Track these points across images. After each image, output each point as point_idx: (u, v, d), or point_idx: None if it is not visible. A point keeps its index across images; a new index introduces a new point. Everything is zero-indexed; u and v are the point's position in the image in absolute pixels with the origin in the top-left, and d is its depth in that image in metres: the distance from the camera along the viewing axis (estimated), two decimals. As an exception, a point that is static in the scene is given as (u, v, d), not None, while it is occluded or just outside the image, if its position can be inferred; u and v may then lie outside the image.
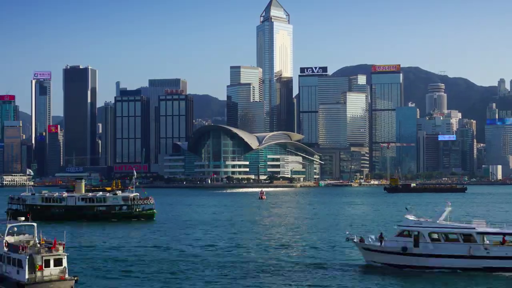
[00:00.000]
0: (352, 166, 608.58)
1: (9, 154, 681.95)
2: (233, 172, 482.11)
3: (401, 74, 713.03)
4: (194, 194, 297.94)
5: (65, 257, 47.43)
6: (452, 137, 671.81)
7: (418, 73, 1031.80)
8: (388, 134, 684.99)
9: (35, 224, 51.68)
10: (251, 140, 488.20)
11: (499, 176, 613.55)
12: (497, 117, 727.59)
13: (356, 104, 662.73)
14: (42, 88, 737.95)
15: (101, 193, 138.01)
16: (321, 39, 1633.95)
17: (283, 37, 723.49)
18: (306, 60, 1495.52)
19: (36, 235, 50.60)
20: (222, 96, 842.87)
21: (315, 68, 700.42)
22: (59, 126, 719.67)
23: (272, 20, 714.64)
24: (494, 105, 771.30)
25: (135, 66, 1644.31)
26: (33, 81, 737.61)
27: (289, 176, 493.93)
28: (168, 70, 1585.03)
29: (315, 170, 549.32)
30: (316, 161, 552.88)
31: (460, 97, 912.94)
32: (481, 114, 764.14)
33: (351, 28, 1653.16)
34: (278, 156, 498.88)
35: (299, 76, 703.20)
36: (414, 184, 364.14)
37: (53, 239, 49.65)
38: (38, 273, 45.69)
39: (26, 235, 51.47)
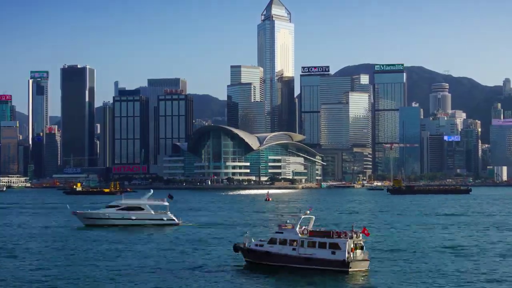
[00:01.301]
0: (355, 167, 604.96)
1: (5, 155, 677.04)
2: (233, 173, 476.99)
3: (404, 74, 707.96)
4: (201, 196, 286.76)
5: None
6: (457, 138, 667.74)
7: (422, 73, 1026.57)
8: (391, 135, 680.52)
9: (313, 217, 63.46)
10: (251, 140, 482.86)
11: (504, 178, 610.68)
12: (502, 117, 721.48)
13: (358, 104, 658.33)
14: (39, 88, 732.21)
15: None
16: (323, 38, 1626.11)
17: (284, 36, 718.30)
18: (307, 60, 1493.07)
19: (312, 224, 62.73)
20: (223, 96, 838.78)
21: (317, 67, 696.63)
22: (56, 126, 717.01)
23: (273, 18, 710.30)
24: (499, 105, 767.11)
25: (134, 66, 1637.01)
26: (30, 81, 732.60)
27: (290, 177, 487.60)
28: (167, 70, 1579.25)
29: (317, 171, 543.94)
30: (318, 162, 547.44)
31: (464, 97, 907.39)
32: (486, 114, 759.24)
33: (354, 26, 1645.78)
34: (279, 157, 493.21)
35: (301, 75, 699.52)
36: (404, 185, 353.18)
37: (362, 228, 61.06)
38: (352, 254, 57.32)
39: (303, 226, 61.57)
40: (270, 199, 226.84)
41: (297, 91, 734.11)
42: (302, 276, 55.81)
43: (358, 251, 57.99)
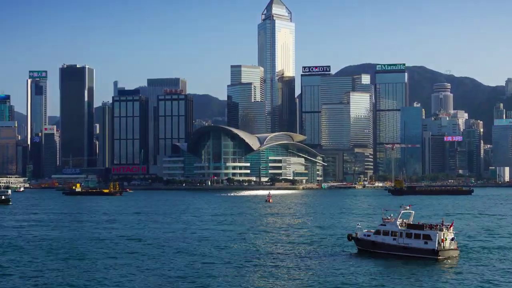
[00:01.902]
0: (356, 168, 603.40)
1: (4, 155, 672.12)
2: (233, 174, 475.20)
3: (406, 74, 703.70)
4: (203, 197, 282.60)
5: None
6: (458, 138, 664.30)
7: (424, 73, 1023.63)
8: (392, 135, 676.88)
9: (413, 212, 74.65)
10: (252, 141, 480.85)
11: (507, 178, 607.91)
12: (504, 118, 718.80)
13: (359, 104, 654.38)
14: (38, 88, 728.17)
15: None
16: (324, 37, 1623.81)
17: (285, 35, 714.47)
18: (308, 59, 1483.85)
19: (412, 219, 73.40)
20: (223, 96, 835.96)
21: (318, 67, 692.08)
22: (55, 126, 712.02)
23: (274, 18, 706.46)
24: (501, 105, 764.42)
25: (133, 65, 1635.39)
26: (29, 81, 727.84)
27: (291, 178, 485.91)
28: (167, 69, 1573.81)
29: (317, 172, 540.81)
30: (319, 163, 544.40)
31: (466, 97, 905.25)
32: (488, 114, 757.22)
33: (355, 26, 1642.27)
34: (279, 158, 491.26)
35: (302, 75, 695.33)
36: (405, 186, 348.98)
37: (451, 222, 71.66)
38: (442, 244, 67.25)
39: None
40: (272, 200, 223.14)
41: (297, 91, 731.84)
42: (400, 261, 66.88)
43: (448, 242, 68.36)
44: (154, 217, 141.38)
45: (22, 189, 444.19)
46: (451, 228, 69.74)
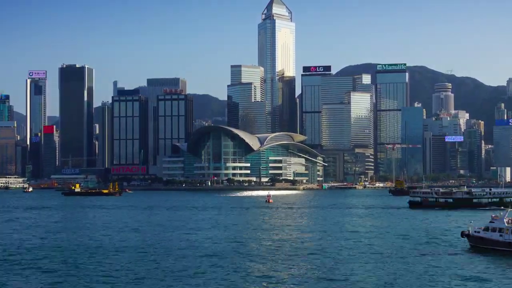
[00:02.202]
0: (357, 168, 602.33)
1: (3, 155, 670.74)
2: (233, 174, 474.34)
3: (406, 74, 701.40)
4: (206, 196, 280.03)
5: None
6: (460, 138, 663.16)
7: (425, 73, 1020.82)
8: (393, 135, 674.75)
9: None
10: (252, 141, 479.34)
11: (508, 178, 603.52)
12: (505, 118, 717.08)
13: (360, 104, 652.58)
14: (37, 88, 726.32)
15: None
16: (325, 37, 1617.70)
17: (285, 35, 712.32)
18: (309, 59, 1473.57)
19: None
20: (223, 96, 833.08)
21: (318, 67, 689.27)
22: (54, 126, 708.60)
23: (274, 18, 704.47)
24: (502, 105, 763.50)
25: (133, 65, 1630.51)
26: (28, 81, 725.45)
27: (291, 178, 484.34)
28: (167, 69, 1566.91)
29: (318, 172, 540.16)
30: (319, 163, 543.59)
31: (467, 97, 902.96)
32: (489, 114, 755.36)
33: (355, 26, 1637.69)
34: (280, 158, 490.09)
35: (302, 75, 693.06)
36: (406, 186, 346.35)
37: None
38: None
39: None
40: (272, 201, 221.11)
41: (298, 91, 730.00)
42: (505, 256, 70.25)
43: None
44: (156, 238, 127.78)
45: (30, 189, 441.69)
46: None
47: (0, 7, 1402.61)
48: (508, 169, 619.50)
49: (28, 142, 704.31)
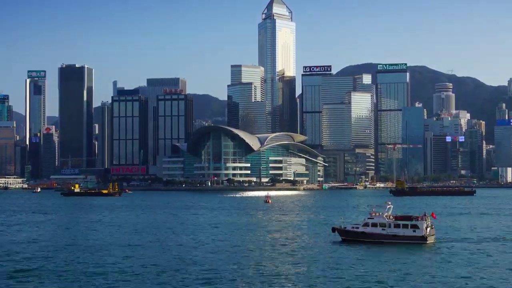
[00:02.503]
0: (357, 168, 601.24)
1: (2, 155, 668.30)
2: (234, 175, 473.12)
3: (407, 73, 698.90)
4: (209, 197, 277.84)
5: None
6: (461, 138, 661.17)
7: (425, 72, 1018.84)
8: (394, 135, 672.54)
9: (392, 206, 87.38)
10: (252, 141, 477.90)
11: (509, 179, 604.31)
12: (507, 118, 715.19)
13: (361, 104, 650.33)
14: (37, 88, 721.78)
15: None
16: (325, 37, 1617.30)
17: (285, 35, 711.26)
18: (309, 59, 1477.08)
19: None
20: (223, 96, 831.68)
21: (319, 67, 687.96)
22: (54, 126, 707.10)
23: (274, 17, 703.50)
24: (504, 105, 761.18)
25: (133, 65, 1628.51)
26: (28, 80, 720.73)
27: (292, 178, 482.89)
28: (166, 69, 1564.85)
29: (318, 173, 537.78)
30: (320, 163, 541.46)
31: (468, 97, 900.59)
32: (490, 114, 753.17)
33: (356, 25, 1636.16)
34: (280, 158, 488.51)
35: (302, 75, 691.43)
36: (407, 186, 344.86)
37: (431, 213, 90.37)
38: (427, 231, 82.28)
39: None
40: (270, 201, 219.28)
41: (298, 91, 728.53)
42: (392, 247, 79.34)
43: (429, 229, 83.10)
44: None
45: (38, 189, 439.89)
46: (429, 217, 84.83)
47: (0, 7, 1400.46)
48: (509, 169, 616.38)
49: (27, 142, 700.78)
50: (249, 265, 67.18)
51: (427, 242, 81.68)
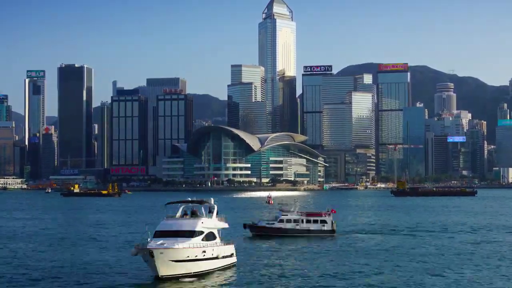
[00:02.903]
0: (358, 169, 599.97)
1: (1, 155, 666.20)
2: (234, 175, 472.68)
3: (408, 73, 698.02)
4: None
5: None
6: (462, 139, 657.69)
7: (426, 72, 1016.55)
8: (395, 135, 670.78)
9: (298, 205, 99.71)
10: (252, 141, 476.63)
11: (511, 179, 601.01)
12: (508, 118, 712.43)
13: (361, 104, 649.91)
14: (36, 88, 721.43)
15: None
16: (326, 36, 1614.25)
17: (286, 34, 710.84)
18: (310, 59, 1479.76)
19: None
20: (223, 96, 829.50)
21: (319, 66, 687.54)
22: (53, 126, 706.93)
23: (275, 17, 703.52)
24: (505, 105, 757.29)
25: (133, 65, 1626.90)
26: (27, 80, 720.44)
27: (292, 179, 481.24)
28: (166, 69, 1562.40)
29: (319, 173, 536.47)
30: (321, 164, 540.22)
31: (470, 97, 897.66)
32: (492, 114, 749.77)
33: (357, 25, 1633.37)
34: (281, 158, 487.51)
35: (303, 75, 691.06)
36: (408, 187, 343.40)
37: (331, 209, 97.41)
38: (333, 225, 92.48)
39: None
40: (272, 202, 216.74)
41: (299, 91, 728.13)
42: (306, 239, 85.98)
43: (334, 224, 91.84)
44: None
45: (49, 190, 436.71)
46: (331, 213, 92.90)
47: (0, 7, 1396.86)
48: (510, 170, 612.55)
49: (26, 143, 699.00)
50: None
51: (334, 234, 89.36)
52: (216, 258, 56.49)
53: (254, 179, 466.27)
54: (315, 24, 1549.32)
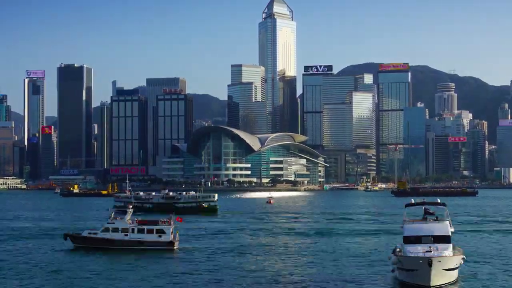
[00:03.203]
0: (358, 169, 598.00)
1: (0, 156, 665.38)
2: (234, 175, 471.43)
3: (409, 73, 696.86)
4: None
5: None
6: (463, 139, 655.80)
7: (427, 72, 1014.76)
8: (395, 136, 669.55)
9: (131, 210, 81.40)
10: (252, 141, 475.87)
11: (511, 179, 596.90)
12: (509, 118, 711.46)
13: (362, 104, 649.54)
14: (35, 88, 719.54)
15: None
16: (326, 36, 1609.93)
17: (286, 34, 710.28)
18: (310, 59, 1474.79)
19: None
20: (223, 96, 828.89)
21: (320, 66, 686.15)
22: (52, 126, 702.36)
23: (275, 16, 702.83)
24: (506, 105, 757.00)
25: (132, 65, 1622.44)
26: (26, 80, 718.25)
27: (292, 179, 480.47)
28: (166, 69, 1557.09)
29: (319, 173, 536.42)
30: (321, 164, 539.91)
31: (470, 97, 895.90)
32: (492, 114, 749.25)
33: (357, 25, 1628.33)
34: (281, 158, 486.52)
35: (303, 75, 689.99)
36: (409, 187, 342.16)
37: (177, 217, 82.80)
38: (173, 236, 76.56)
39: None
40: (273, 202, 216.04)
41: (299, 91, 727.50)
42: (136, 254, 71.26)
43: (176, 234, 77.68)
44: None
45: (58, 190, 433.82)
46: (172, 222, 77.64)
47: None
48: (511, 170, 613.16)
49: (26, 143, 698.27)
50: None
51: (175, 247, 75.02)
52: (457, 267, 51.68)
53: (254, 179, 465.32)
54: (315, 24, 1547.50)
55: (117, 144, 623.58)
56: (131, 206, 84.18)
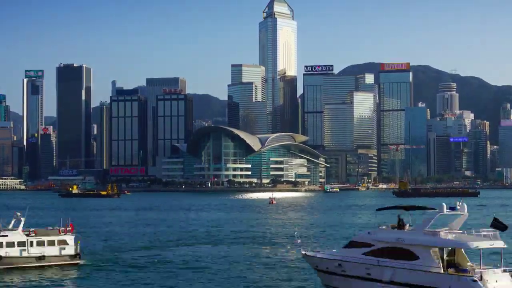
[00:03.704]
0: (359, 169, 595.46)
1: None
2: (234, 175, 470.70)
3: (410, 73, 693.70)
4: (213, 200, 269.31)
5: None
6: (464, 139, 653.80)
7: (429, 72, 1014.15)
8: (396, 136, 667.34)
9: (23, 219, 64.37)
10: (253, 141, 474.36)
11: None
12: (511, 118, 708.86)
13: (363, 104, 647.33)
14: (34, 87, 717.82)
15: None
16: (327, 36, 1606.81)
17: (286, 34, 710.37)
18: (311, 58, 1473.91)
19: None
20: (223, 96, 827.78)
21: (321, 66, 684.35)
22: (52, 127, 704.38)
23: (276, 16, 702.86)
24: (508, 105, 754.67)
25: (132, 64, 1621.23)
26: (25, 80, 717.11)
27: (293, 179, 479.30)
28: (166, 69, 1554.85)
29: (320, 174, 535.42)
30: (322, 164, 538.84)
31: (472, 97, 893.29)
32: (494, 114, 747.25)
33: (358, 24, 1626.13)
34: (281, 159, 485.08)
35: (304, 75, 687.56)
36: (410, 187, 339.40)
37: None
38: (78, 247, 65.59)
39: None
40: (274, 201, 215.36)
41: (300, 91, 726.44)
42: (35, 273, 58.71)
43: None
44: None
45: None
46: (70, 230, 65.42)
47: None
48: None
49: (24, 143, 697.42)
50: None
51: (79, 261, 64.24)
52: None
53: (255, 180, 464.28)
54: (316, 23, 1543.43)
55: (117, 144, 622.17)
56: (19, 214, 66.01)
